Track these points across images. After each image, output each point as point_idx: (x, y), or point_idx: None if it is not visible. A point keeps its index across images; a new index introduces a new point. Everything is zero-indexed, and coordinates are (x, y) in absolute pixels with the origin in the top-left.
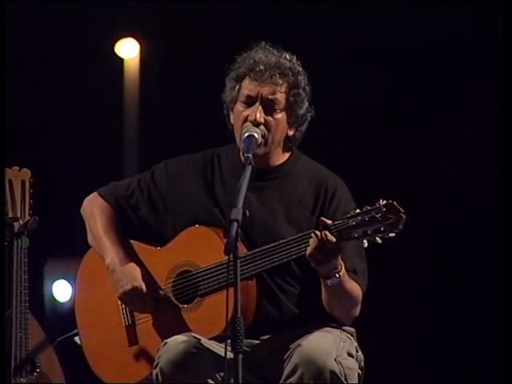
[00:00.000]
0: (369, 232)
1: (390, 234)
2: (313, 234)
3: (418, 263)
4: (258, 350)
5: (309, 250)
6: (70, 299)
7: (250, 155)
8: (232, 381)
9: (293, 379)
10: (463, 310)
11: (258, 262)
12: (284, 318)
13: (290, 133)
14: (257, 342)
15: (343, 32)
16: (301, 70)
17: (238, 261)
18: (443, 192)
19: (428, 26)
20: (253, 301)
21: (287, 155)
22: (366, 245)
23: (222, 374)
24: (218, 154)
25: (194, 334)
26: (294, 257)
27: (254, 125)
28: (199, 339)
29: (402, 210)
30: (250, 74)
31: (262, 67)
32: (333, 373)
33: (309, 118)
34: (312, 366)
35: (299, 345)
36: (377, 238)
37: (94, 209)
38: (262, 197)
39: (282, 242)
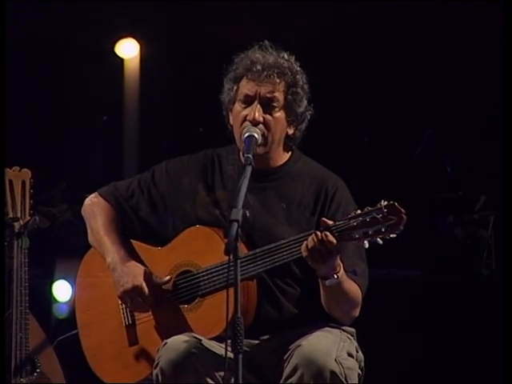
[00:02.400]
0: (370, 233)
1: (391, 235)
2: (313, 234)
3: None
4: (258, 350)
5: (306, 248)
6: (69, 299)
7: (250, 155)
8: (232, 381)
9: (293, 379)
10: (463, 310)
11: (259, 263)
12: (284, 319)
13: (290, 132)
14: (257, 342)
15: (343, 31)
16: (299, 69)
17: (239, 261)
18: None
19: (428, 26)
20: (253, 301)
21: (288, 155)
22: (366, 246)
23: (222, 374)
24: (218, 154)
25: (194, 334)
26: (295, 257)
27: (253, 124)
28: (199, 339)
29: (403, 210)
30: (247, 74)
31: (259, 67)
32: (333, 373)
33: (308, 117)
34: (312, 366)
35: (299, 345)
36: (378, 239)
37: (95, 208)
38: (263, 198)
39: (283, 242)
